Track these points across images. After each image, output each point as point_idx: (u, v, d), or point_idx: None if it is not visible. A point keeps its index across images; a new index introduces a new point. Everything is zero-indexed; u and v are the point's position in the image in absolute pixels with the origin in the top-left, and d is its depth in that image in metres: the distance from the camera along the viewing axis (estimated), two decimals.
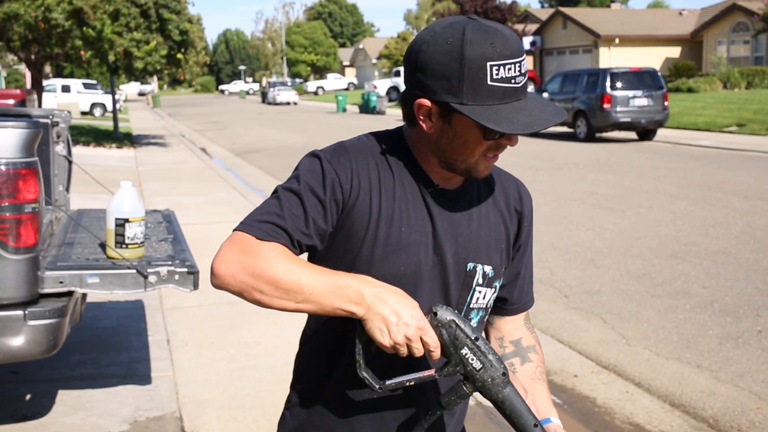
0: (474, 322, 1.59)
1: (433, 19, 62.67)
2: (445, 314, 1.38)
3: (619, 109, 18.83)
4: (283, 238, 1.43)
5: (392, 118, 33.09)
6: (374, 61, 63.43)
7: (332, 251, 1.50)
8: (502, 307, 1.69)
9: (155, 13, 18.59)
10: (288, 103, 52.39)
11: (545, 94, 21.29)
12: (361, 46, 70.06)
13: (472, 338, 1.38)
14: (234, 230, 1.45)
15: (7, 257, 2.98)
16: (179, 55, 19.93)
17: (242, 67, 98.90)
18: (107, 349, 4.87)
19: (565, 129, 21.05)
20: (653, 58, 37.17)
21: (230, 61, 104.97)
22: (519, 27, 43.37)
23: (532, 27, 43.55)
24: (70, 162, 4.58)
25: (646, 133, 19.58)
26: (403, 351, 1.37)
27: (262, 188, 12.66)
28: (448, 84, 1.39)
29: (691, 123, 22.23)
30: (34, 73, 20.43)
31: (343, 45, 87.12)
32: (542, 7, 66.53)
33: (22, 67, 41.47)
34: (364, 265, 1.47)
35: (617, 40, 37.65)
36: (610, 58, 37.04)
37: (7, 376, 4.35)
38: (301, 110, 44.12)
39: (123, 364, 4.62)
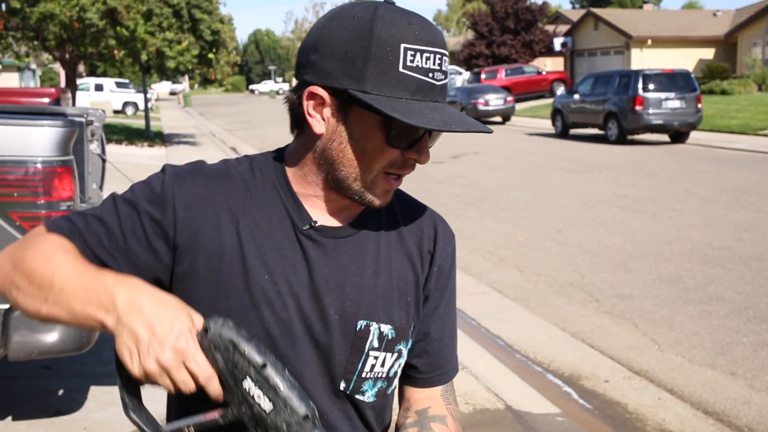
0: (369, 396, 1.25)
1: (463, 20, 62.49)
2: (221, 331, 0.99)
3: (651, 111, 18.62)
4: (75, 238, 1.15)
5: None
6: None
7: (187, 300, 1.13)
8: (412, 375, 1.34)
9: (187, 14, 18.75)
10: None
11: (576, 96, 21.15)
12: None
13: (258, 365, 0.97)
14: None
15: None
16: (210, 55, 20.08)
17: (272, 67, 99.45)
18: None
19: (595, 131, 20.86)
20: (686, 59, 36.72)
21: (260, 60, 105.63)
22: (550, 28, 43.13)
23: (563, 28, 43.26)
24: (104, 160, 4.63)
25: (678, 135, 19.34)
26: (165, 383, 0.99)
27: None
28: (349, 66, 1.10)
29: (724, 126, 21.91)
30: (68, 72, 20.70)
31: None
32: (573, 8, 66.09)
33: (57, 66, 42.04)
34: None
35: (649, 42, 37.25)
36: (642, 59, 36.66)
37: (41, 371, 4.41)
38: None
39: None
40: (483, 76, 35.58)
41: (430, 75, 1.12)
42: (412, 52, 1.10)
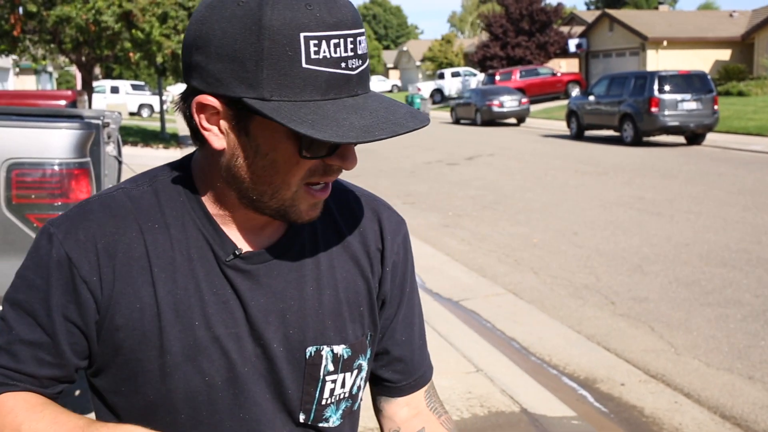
0: (334, 421, 1.13)
1: (478, 22, 62.43)
2: None
3: (667, 112, 18.51)
4: (20, 383, 1.02)
5: (436, 120, 33.05)
6: (418, 63, 63.41)
7: (108, 367, 1.04)
8: (389, 387, 1.22)
9: None
10: None
11: (591, 97, 21.05)
12: (404, 49, 70.08)
13: None
14: None
15: None
16: None
17: None
18: None
19: (611, 133, 20.77)
20: (702, 60, 36.50)
21: None
22: (564, 29, 43.01)
23: (578, 29, 43.12)
24: (120, 162, 4.65)
25: (694, 137, 19.22)
26: None
27: None
28: (240, 68, 0.90)
29: (741, 127, 21.74)
30: (84, 74, 20.85)
31: (387, 47, 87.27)
32: (588, 9, 65.87)
33: (73, 69, 42.35)
34: (154, 384, 1.02)
35: (665, 43, 37.06)
36: (658, 60, 36.47)
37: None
38: None
39: None
40: (497, 77, 35.53)
41: (343, 65, 0.91)
42: (316, 41, 0.89)
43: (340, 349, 1.09)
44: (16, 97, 11.42)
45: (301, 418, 1.10)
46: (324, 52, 0.89)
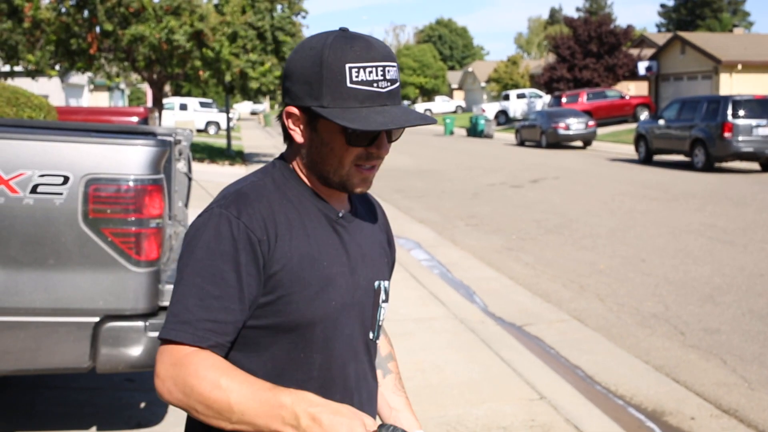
0: (379, 338, 1.59)
1: (544, 43, 61.96)
2: None
3: (740, 138, 17.99)
4: (211, 336, 1.34)
5: (500, 141, 32.84)
6: (483, 84, 63.25)
7: (263, 302, 1.40)
8: None
9: (271, 36, 19.16)
10: None
11: (661, 121, 20.63)
12: (470, 69, 70.03)
13: None
14: (159, 337, 1.36)
15: (131, 270, 3.09)
16: None
17: None
18: None
19: (680, 158, 20.30)
20: None
21: None
22: (634, 52, 42.34)
23: (648, 52, 42.37)
24: (189, 179, 4.73)
25: None
26: None
27: None
28: (309, 88, 1.38)
29: None
30: (155, 91, 21.42)
31: (452, 68, 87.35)
32: (659, 31, 64.73)
33: (144, 86, 43.58)
34: (297, 311, 1.40)
35: (740, 66, 36.11)
36: (732, 84, 35.54)
37: (123, 383, 4.51)
38: (409, 132, 44.28)
39: None
40: (564, 99, 35.13)
41: (375, 85, 1.37)
42: (356, 70, 1.36)
43: (386, 284, 1.58)
44: (91, 114, 11.81)
45: (371, 335, 1.54)
46: (362, 76, 1.37)
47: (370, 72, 1.37)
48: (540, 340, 5.88)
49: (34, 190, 3.04)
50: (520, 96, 45.22)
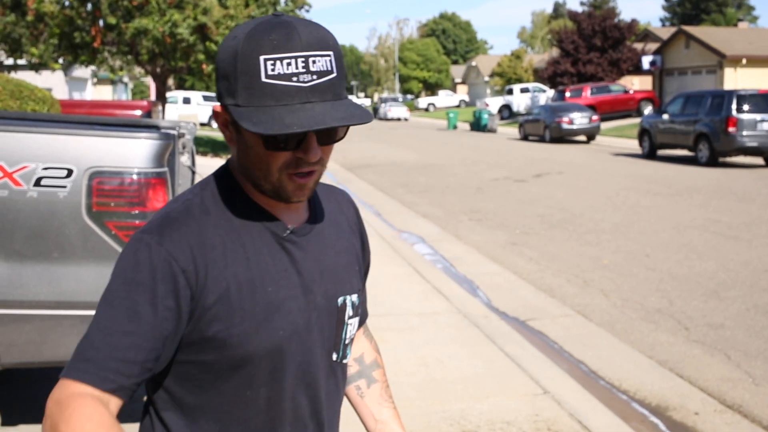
0: (347, 357, 1.44)
1: (548, 37, 61.87)
2: None
3: (745, 133, 17.95)
4: (115, 378, 1.17)
5: (504, 136, 32.81)
6: (486, 78, 63.17)
7: (198, 338, 1.24)
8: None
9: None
10: (399, 119, 52.84)
11: (665, 116, 20.57)
12: (473, 64, 69.93)
13: None
14: (59, 376, 1.21)
15: None
16: None
17: (355, 83, 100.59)
18: None
19: (684, 152, 20.25)
20: None
21: None
22: (638, 46, 42.22)
23: (652, 46, 42.27)
24: (193, 172, 4.72)
25: None
26: None
27: (372, 203, 12.76)
28: (227, 84, 1.22)
29: None
30: (158, 85, 21.41)
31: (455, 62, 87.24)
32: (663, 25, 64.58)
33: (148, 80, 43.57)
34: (239, 346, 1.24)
35: (744, 61, 36.01)
36: (736, 79, 35.45)
37: None
38: (412, 126, 44.38)
39: None
40: (567, 94, 35.05)
41: (294, 79, 1.18)
42: (272, 62, 1.17)
43: (354, 297, 1.41)
44: (95, 107, 11.80)
45: (334, 356, 1.38)
46: (278, 69, 1.17)
47: (289, 64, 1.17)
48: (544, 335, 5.88)
49: (38, 183, 3.04)
50: (524, 90, 45.14)
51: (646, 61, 39.67)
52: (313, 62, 1.19)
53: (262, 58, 1.18)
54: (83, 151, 3.07)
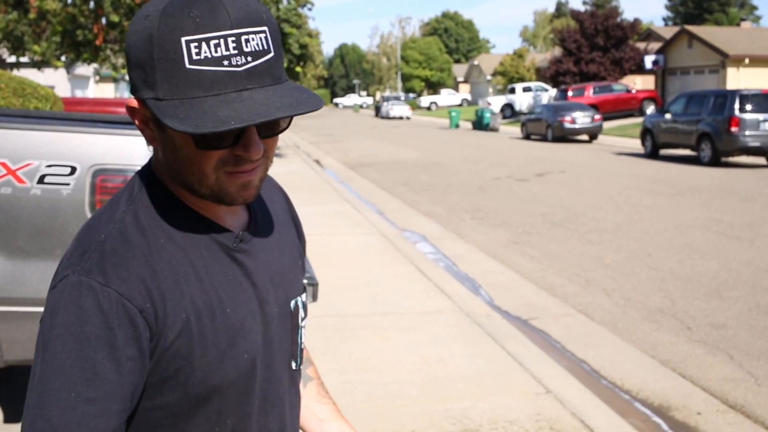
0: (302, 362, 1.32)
1: (550, 36, 61.82)
2: None
3: (748, 132, 17.92)
4: None
5: (506, 135, 32.80)
6: (489, 77, 63.14)
7: (157, 380, 1.07)
8: None
9: (277, 27, 19.18)
10: (401, 118, 52.86)
11: (667, 115, 20.55)
12: (476, 63, 69.91)
13: None
14: None
15: None
16: (298, 68, 20.46)
17: (357, 81, 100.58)
18: None
19: (687, 152, 20.23)
20: None
21: (345, 74, 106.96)
22: (641, 45, 42.19)
23: (655, 45, 42.23)
24: None
25: None
26: None
27: (374, 202, 12.76)
28: (143, 74, 1.01)
29: None
30: None
31: (458, 61, 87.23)
32: (666, 25, 64.52)
33: None
34: (203, 381, 1.08)
35: (747, 60, 35.97)
36: (739, 79, 35.42)
37: None
38: (414, 125, 44.39)
39: None
40: (570, 93, 35.03)
41: (226, 63, 0.98)
42: (196, 44, 0.97)
43: (303, 297, 1.27)
44: (97, 105, 11.80)
45: (293, 365, 1.25)
46: (205, 52, 0.97)
47: (217, 45, 0.97)
48: (546, 334, 5.88)
49: (41, 181, 3.04)
50: (526, 89, 45.12)
51: (648, 61, 39.64)
52: (246, 41, 0.99)
53: (183, 39, 0.97)
54: (86, 148, 3.08)
